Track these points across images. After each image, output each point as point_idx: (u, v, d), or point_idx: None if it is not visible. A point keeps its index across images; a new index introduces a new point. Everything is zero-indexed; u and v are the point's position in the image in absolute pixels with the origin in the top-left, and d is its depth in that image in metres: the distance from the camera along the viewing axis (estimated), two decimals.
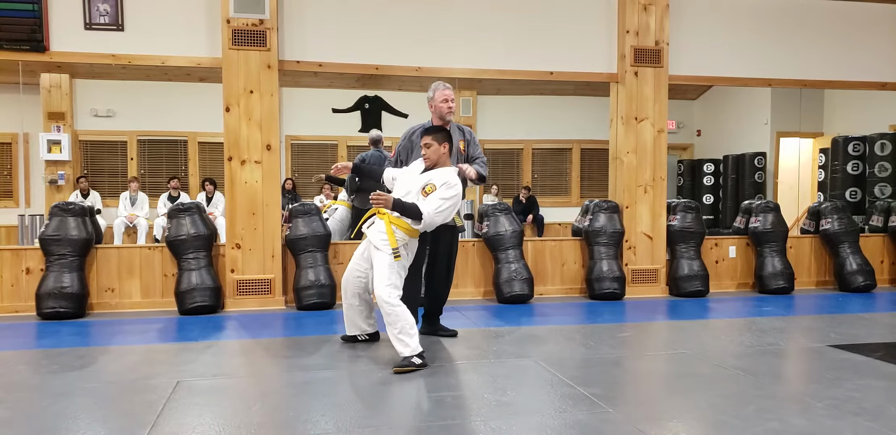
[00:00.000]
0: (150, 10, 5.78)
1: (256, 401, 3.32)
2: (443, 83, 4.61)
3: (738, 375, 3.76)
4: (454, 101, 4.60)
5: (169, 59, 5.83)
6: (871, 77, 7.23)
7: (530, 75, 6.51)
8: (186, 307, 5.62)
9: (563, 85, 10.49)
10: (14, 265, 5.70)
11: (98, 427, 2.97)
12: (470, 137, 4.72)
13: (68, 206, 5.67)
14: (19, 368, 3.97)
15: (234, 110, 5.80)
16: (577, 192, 12.51)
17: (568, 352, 4.32)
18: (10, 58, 5.63)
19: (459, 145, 4.63)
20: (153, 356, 4.31)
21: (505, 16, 6.41)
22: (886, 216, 7.45)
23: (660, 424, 2.99)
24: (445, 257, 4.61)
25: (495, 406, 3.23)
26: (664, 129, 6.64)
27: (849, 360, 4.07)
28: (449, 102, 4.56)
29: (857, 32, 7.15)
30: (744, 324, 5.27)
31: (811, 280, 7.20)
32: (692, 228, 6.66)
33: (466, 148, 4.68)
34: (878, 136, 8.80)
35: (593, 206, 6.60)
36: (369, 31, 6.12)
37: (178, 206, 5.91)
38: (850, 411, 3.12)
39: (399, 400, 3.29)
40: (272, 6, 5.77)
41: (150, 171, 10.98)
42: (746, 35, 6.90)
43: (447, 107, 4.56)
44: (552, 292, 6.58)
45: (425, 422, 3.03)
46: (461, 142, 4.66)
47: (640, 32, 6.50)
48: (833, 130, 10.91)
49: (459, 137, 4.64)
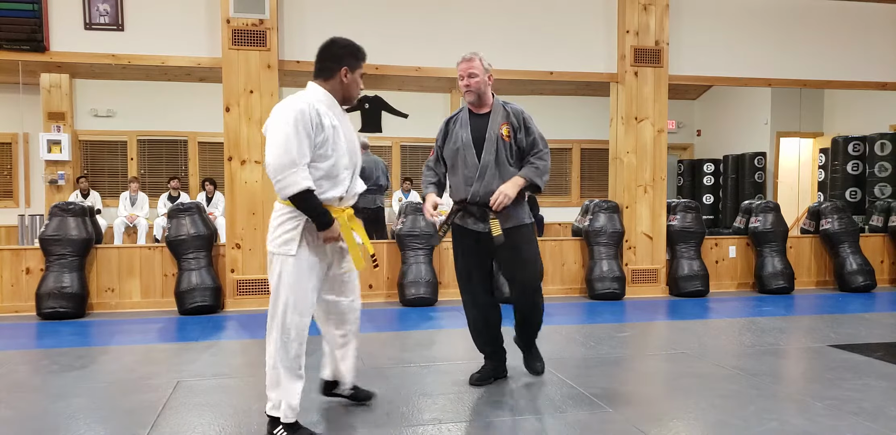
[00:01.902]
0: (149, 10, 5.78)
1: (256, 401, 3.32)
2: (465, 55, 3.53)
3: (738, 374, 3.76)
4: (474, 76, 3.45)
5: (169, 59, 5.84)
6: (871, 77, 7.22)
7: (530, 75, 6.51)
8: (186, 307, 5.62)
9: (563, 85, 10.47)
10: (14, 265, 5.70)
11: (98, 427, 2.97)
12: (519, 123, 3.47)
13: (68, 207, 5.67)
14: (19, 368, 3.97)
15: (234, 110, 5.80)
16: (577, 192, 12.50)
17: (568, 352, 4.32)
18: (10, 58, 5.63)
19: (501, 133, 3.44)
20: (153, 356, 4.32)
21: (505, 16, 6.41)
22: (886, 216, 7.45)
23: (660, 424, 2.99)
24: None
25: (496, 406, 3.23)
26: (664, 129, 6.64)
27: (849, 360, 4.07)
28: (465, 79, 3.46)
29: (857, 32, 7.15)
30: (744, 324, 5.27)
31: (811, 280, 7.20)
32: (692, 227, 6.66)
33: (513, 137, 3.45)
34: (878, 136, 8.79)
35: (593, 206, 6.60)
36: (369, 31, 6.12)
37: (178, 206, 5.92)
38: (849, 411, 3.12)
39: (399, 399, 3.29)
40: (272, 6, 5.78)
41: (150, 171, 10.97)
42: (746, 35, 6.89)
43: (463, 85, 3.48)
44: (552, 292, 6.57)
45: (425, 421, 3.03)
46: (504, 127, 3.45)
47: (640, 32, 6.49)
48: (833, 130, 10.90)
49: (503, 121, 3.46)
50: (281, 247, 2.80)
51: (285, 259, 2.80)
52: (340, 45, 2.94)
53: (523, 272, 3.48)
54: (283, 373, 2.81)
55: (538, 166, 3.42)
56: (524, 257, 3.47)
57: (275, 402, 2.83)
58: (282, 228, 2.82)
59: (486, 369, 3.65)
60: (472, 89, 3.45)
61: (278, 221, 2.84)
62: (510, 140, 3.43)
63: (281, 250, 2.80)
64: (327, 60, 2.92)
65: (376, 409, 3.20)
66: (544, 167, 3.44)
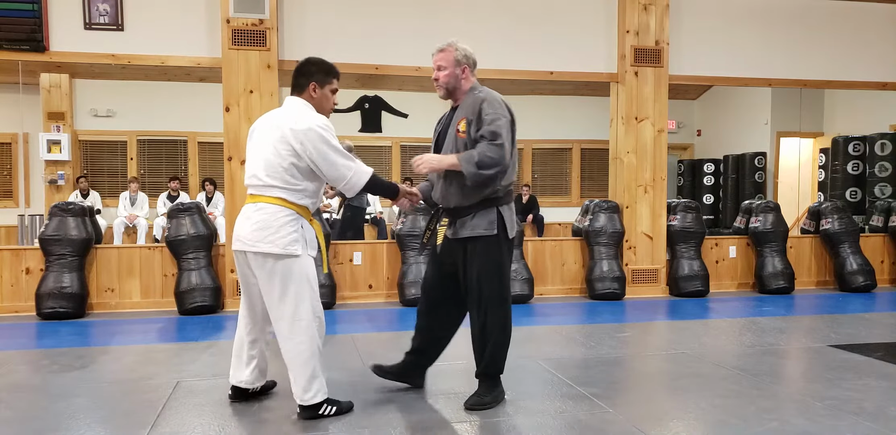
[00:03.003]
0: (149, 9, 5.78)
1: (256, 401, 3.32)
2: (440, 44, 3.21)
3: (739, 374, 3.76)
4: (443, 69, 3.14)
5: (169, 59, 5.83)
6: (871, 77, 7.22)
7: (530, 75, 6.51)
8: (186, 307, 5.62)
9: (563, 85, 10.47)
10: (14, 265, 5.69)
11: (98, 427, 2.97)
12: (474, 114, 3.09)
13: (68, 207, 5.67)
14: (19, 368, 3.97)
15: (234, 110, 5.80)
16: (577, 192, 12.50)
17: (568, 352, 4.32)
18: (10, 58, 5.63)
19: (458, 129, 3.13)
20: (153, 356, 4.31)
21: (505, 16, 6.41)
22: (887, 216, 7.45)
23: (660, 424, 2.99)
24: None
25: (495, 406, 3.23)
26: (664, 128, 6.64)
27: (849, 360, 4.06)
28: (434, 72, 3.18)
29: (857, 32, 7.15)
30: (744, 324, 5.27)
31: (811, 280, 7.19)
32: (692, 227, 6.66)
33: (468, 132, 3.10)
34: (878, 136, 8.79)
35: (593, 206, 6.60)
36: (369, 31, 6.12)
37: (178, 206, 5.91)
38: (850, 411, 3.11)
39: (399, 399, 3.29)
40: (272, 6, 5.77)
41: (149, 171, 10.97)
42: (746, 35, 6.89)
43: (433, 79, 3.19)
44: (552, 292, 6.57)
45: (426, 421, 3.03)
46: (461, 122, 3.12)
47: (640, 32, 6.49)
48: (833, 130, 10.90)
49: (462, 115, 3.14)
50: (286, 247, 2.91)
51: (294, 259, 2.92)
52: (312, 63, 3.14)
53: (471, 285, 3.14)
54: (318, 362, 2.99)
55: (473, 154, 2.99)
56: (470, 273, 3.13)
57: (315, 390, 2.99)
58: (285, 230, 2.91)
59: (398, 364, 3.42)
60: (440, 84, 3.16)
61: (280, 222, 2.92)
62: (465, 136, 3.10)
63: (287, 250, 2.91)
64: (300, 77, 3.10)
65: (377, 409, 3.19)
66: (480, 156, 2.97)
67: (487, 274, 3.10)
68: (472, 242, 3.12)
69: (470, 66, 3.18)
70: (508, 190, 3.19)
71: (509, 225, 3.16)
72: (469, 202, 3.12)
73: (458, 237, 3.15)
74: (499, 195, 3.14)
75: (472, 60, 3.19)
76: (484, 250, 3.11)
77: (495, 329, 3.14)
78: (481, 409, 3.14)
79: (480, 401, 3.17)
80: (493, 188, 3.10)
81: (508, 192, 3.19)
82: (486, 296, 3.11)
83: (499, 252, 3.13)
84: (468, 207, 3.12)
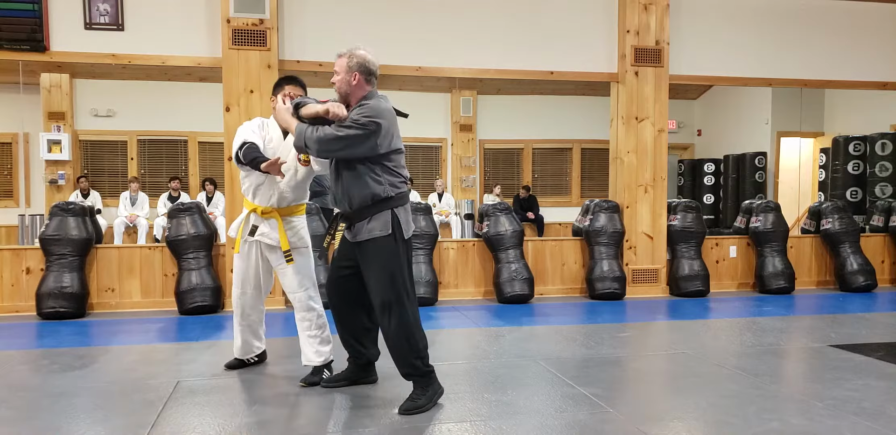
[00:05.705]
0: (150, 9, 5.78)
1: (256, 401, 3.32)
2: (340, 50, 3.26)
3: (739, 374, 3.76)
4: (336, 74, 3.21)
5: (169, 58, 5.83)
6: (871, 77, 7.22)
7: (530, 75, 6.51)
8: (186, 307, 5.62)
9: (564, 85, 10.47)
10: (14, 265, 5.69)
11: (98, 427, 2.97)
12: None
13: (68, 206, 5.67)
14: (19, 368, 3.97)
15: (235, 110, 5.80)
16: (577, 192, 12.49)
17: (568, 352, 4.32)
18: (10, 58, 5.63)
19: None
20: (153, 356, 4.32)
21: (505, 15, 6.41)
22: (887, 216, 7.44)
23: (660, 424, 2.99)
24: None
25: (496, 406, 3.23)
26: (665, 128, 6.64)
27: (849, 360, 4.06)
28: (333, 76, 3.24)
29: (857, 32, 7.14)
30: (744, 324, 5.27)
31: (812, 280, 7.19)
32: (693, 227, 6.66)
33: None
34: (878, 135, 8.79)
35: (594, 205, 6.60)
36: (369, 31, 6.12)
37: (179, 206, 5.91)
38: (850, 411, 3.11)
39: (399, 399, 3.29)
40: (272, 6, 5.77)
41: (150, 171, 10.97)
42: (746, 35, 6.89)
43: (331, 82, 3.25)
44: (552, 292, 6.57)
45: (426, 421, 3.03)
46: None
47: (641, 32, 6.49)
48: (833, 130, 10.89)
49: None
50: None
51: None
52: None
53: (371, 289, 3.20)
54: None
55: (313, 129, 3.09)
56: (368, 277, 3.19)
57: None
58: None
59: (343, 371, 3.55)
60: (335, 89, 3.20)
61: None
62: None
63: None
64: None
65: (377, 409, 3.19)
66: (311, 132, 3.07)
67: (383, 278, 3.14)
68: (368, 244, 3.16)
69: (363, 73, 3.17)
70: (402, 192, 3.23)
71: (405, 226, 3.21)
72: (361, 205, 3.15)
73: (356, 241, 3.20)
74: (391, 195, 3.18)
75: (365, 69, 3.17)
76: (379, 253, 3.15)
77: (398, 331, 3.14)
78: (417, 412, 3.11)
79: (414, 404, 3.15)
80: (383, 188, 3.16)
81: (402, 194, 3.23)
82: (385, 299, 3.14)
83: (395, 253, 3.16)
84: (363, 211, 3.16)
